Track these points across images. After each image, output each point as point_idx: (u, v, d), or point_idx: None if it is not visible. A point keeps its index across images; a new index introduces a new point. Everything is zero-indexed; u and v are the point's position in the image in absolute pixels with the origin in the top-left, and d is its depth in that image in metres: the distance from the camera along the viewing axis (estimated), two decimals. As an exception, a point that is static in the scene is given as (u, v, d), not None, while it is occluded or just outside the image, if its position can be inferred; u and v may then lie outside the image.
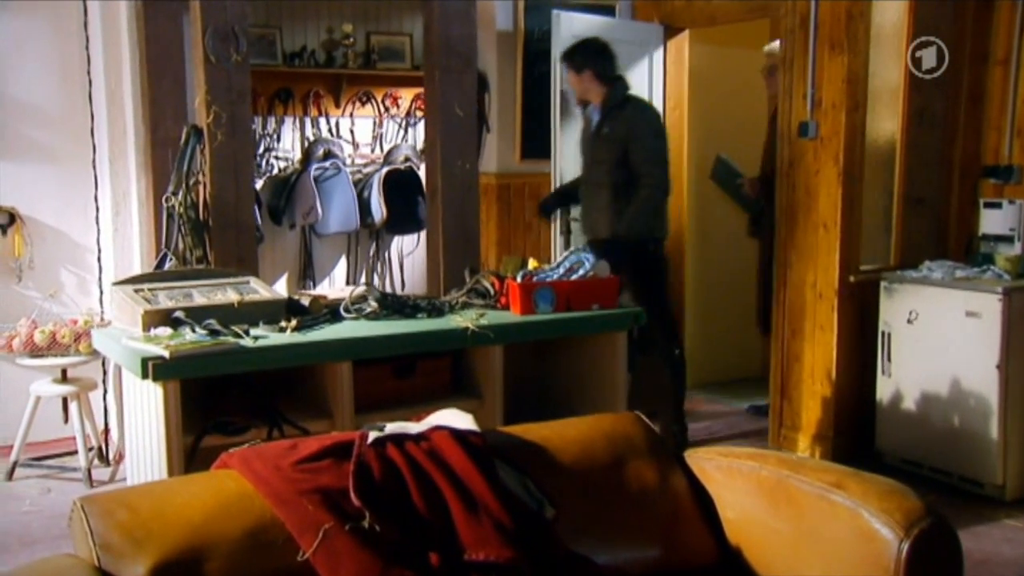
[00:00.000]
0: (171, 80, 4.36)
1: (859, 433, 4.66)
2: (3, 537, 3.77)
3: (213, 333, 2.88)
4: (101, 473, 4.47)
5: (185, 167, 3.43)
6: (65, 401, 4.50)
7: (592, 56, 4.51)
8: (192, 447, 2.82)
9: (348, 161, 5.66)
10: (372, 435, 2.06)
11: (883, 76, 4.69)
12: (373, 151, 6.59)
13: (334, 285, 5.90)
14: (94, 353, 4.39)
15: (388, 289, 5.83)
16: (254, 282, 3.33)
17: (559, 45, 4.89)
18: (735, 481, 2.24)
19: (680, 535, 2.24)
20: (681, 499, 2.28)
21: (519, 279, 3.38)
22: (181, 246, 3.45)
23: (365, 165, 5.88)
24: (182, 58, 4.43)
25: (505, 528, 1.95)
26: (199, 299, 3.13)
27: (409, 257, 6.05)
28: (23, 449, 4.43)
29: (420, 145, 6.32)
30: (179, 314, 2.96)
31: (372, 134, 6.77)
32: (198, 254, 3.45)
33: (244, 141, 3.48)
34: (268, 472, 1.94)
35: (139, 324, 2.94)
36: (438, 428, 2.13)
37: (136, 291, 3.10)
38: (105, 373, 4.71)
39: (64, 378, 4.43)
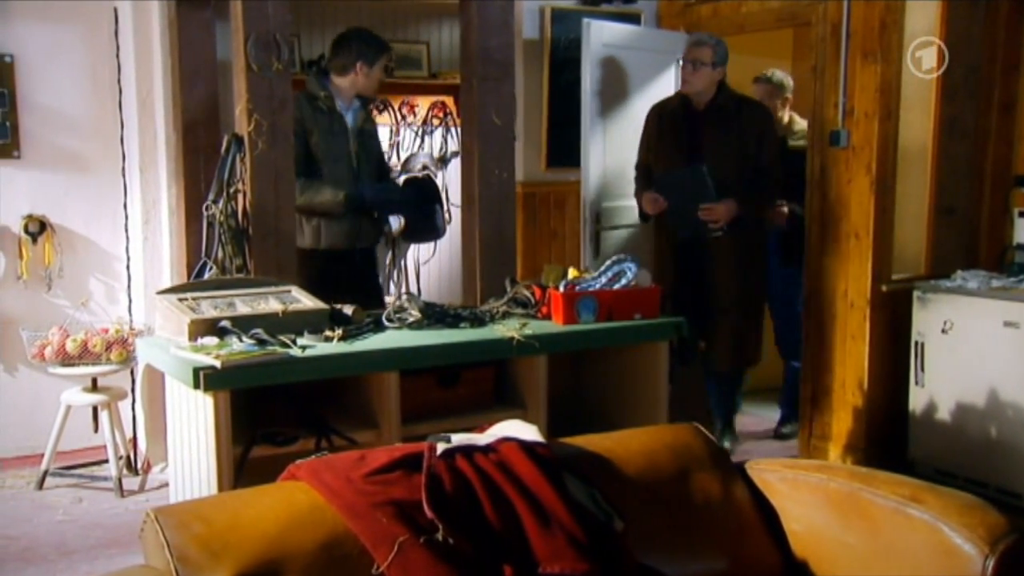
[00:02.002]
0: (204, 88, 4.35)
1: (891, 443, 4.63)
2: (40, 547, 3.75)
3: (261, 343, 2.86)
4: (130, 483, 4.45)
5: (226, 175, 3.41)
6: (95, 410, 4.49)
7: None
8: (241, 458, 2.80)
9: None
10: (440, 447, 2.04)
11: (914, 84, 4.68)
12: (390, 159, 6.59)
13: (350, 293, 5.89)
14: (125, 362, 4.39)
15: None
16: (295, 291, 3.31)
17: (590, 53, 4.88)
18: (801, 494, 2.22)
19: (745, 547, 2.22)
20: (745, 511, 2.26)
21: (561, 288, 3.37)
22: (221, 255, 3.43)
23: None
24: (214, 66, 4.42)
25: (578, 541, 1.93)
26: (242, 308, 3.11)
27: (425, 266, 6.03)
28: (53, 458, 4.42)
29: (437, 153, 6.33)
30: (225, 323, 2.95)
31: (389, 142, 6.79)
32: (238, 263, 3.43)
33: (285, 150, 3.46)
34: (339, 484, 1.92)
35: (185, 333, 2.92)
36: (506, 439, 2.11)
37: (180, 300, 3.08)
38: (134, 382, 4.70)
39: (95, 387, 4.41)
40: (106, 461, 4.49)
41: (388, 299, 4.80)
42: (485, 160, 3.80)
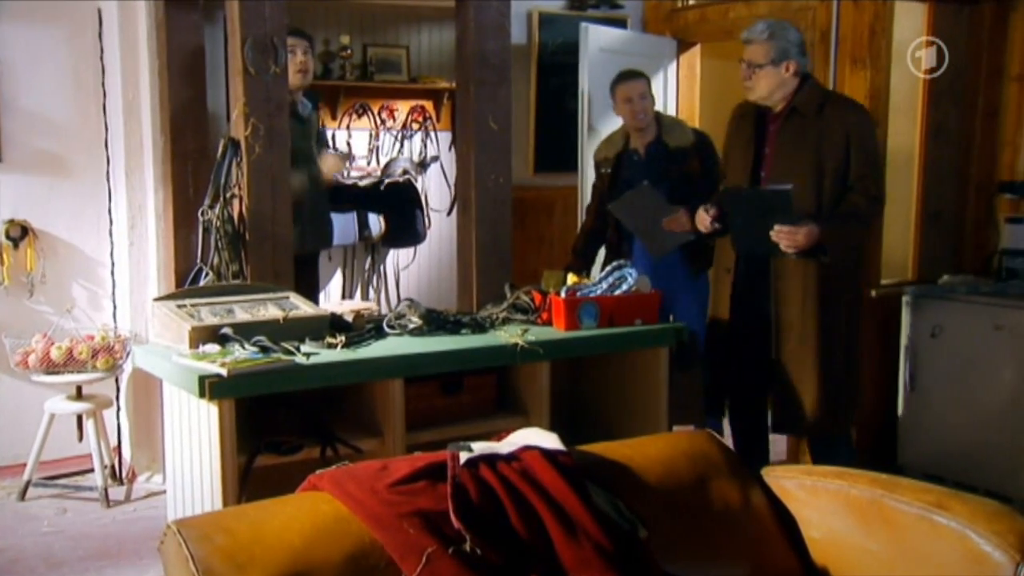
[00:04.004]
0: (192, 92, 4.28)
1: (881, 448, 4.66)
2: (27, 559, 3.66)
3: (265, 350, 2.82)
4: (115, 492, 4.36)
5: (222, 180, 3.36)
6: (80, 419, 4.40)
7: None
8: (245, 467, 2.75)
9: (344, 174, 5.59)
10: (463, 456, 2.01)
11: (901, 91, 4.72)
12: (369, 164, 6.55)
13: (330, 299, 5.83)
14: (112, 370, 4.31)
15: (384, 303, 5.78)
16: (294, 297, 3.27)
17: (587, 57, 4.87)
18: (820, 500, 2.21)
19: (765, 555, 2.21)
20: (764, 518, 2.24)
21: (563, 294, 3.35)
22: (217, 260, 3.38)
23: (361, 178, 5.83)
24: (203, 69, 4.36)
25: (605, 550, 1.91)
26: (242, 315, 3.07)
27: (405, 271, 6.00)
28: (36, 468, 4.32)
29: (416, 157, 6.30)
30: (227, 330, 2.90)
31: (368, 146, 6.74)
32: (234, 268, 3.38)
33: (282, 154, 3.41)
34: (364, 495, 1.88)
35: (186, 341, 2.87)
36: (528, 448, 2.08)
37: (179, 307, 3.03)
38: (118, 390, 4.62)
39: (79, 395, 4.33)
40: (90, 471, 4.41)
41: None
42: (481, 165, 3.78)
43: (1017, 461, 4.12)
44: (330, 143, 4.94)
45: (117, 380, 4.57)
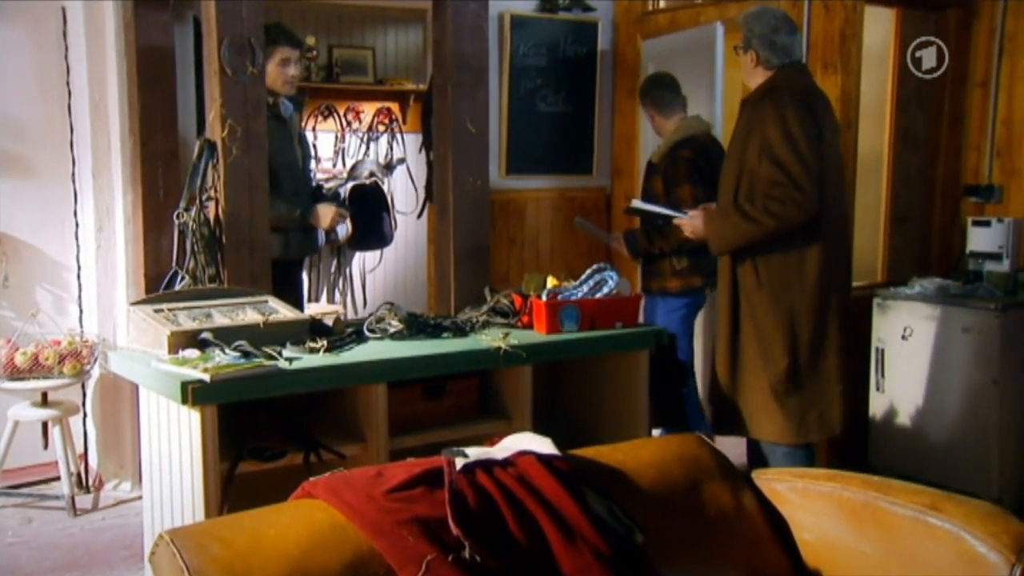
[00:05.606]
0: (162, 92, 4.21)
1: (852, 449, 4.70)
2: (-5, 571, 3.58)
3: (246, 355, 2.77)
4: (81, 501, 4.27)
5: (198, 182, 3.30)
6: (45, 426, 4.30)
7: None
8: (227, 475, 2.70)
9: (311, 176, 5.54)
10: (459, 462, 1.99)
11: (869, 96, 4.78)
12: (335, 166, 6.50)
13: (296, 302, 5.77)
14: (79, 375, 4.22)
15: (350, 306, 5.73)
16: (273, 301, 3.23)
17: (720, 59, 4.90)
18: (812, 503, 2.22)
19: (757, 558, 2.21)
20: (755, 521, 2.25)
21: (544, 297, 3.33)
22: (193, 264, 3.31)
23: (327, 180, 5.78)
24: (173, 70, 4.29)
25: (603, 556, 1.90)
26: (220, 319, 3.02)
27: (371, 274, 5.96)
28: (-1, 477, 4.24)
29: (383, 159, 6.26)
30: (206, 335, 2.85)
31: (334, 148, 6.69)
32: (211, 272, 3.32)
33: (259, 156, 3.35)
34: (361, 502, 1.85)
35: (165, 346, 2.81)
36: (523, 453, 2.07)
37: (156, 311, 2.97)
38: (85, 396, 4.52)
39: (45, 402, 4.23)
40: (55, 479, 4.31)
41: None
42: (459, 168, 3.75)
43: (985, 461, 4.18)
44: (312, 148, 4.78)
45: (84, 386, 4.48)
